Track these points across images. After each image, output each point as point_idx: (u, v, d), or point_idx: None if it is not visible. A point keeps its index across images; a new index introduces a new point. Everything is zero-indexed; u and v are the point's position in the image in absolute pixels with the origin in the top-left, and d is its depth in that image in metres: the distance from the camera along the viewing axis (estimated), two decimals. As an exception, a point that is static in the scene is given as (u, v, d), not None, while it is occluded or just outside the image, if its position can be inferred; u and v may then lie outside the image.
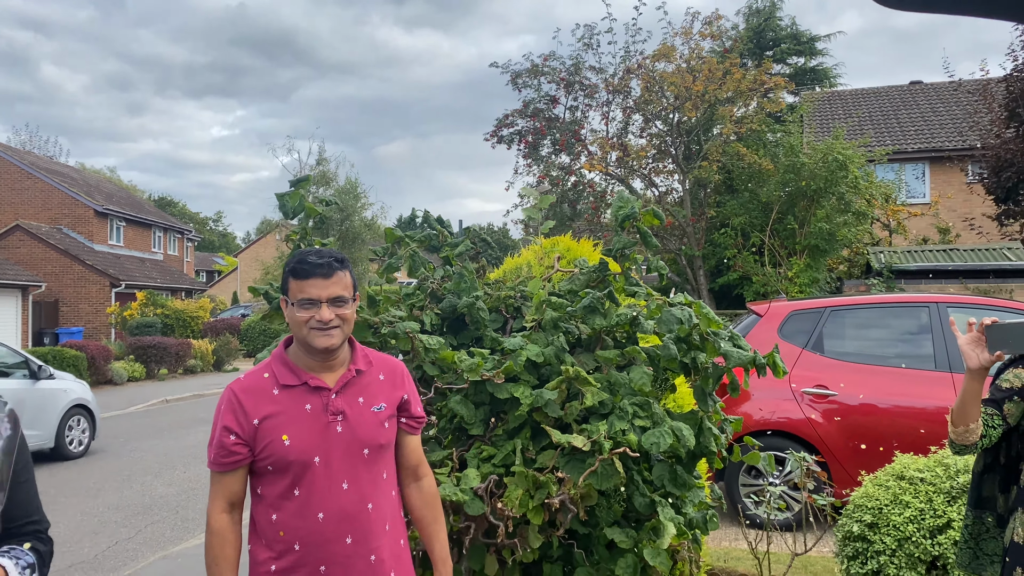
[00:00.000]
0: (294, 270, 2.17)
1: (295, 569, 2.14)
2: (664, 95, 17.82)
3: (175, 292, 35.92)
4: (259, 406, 2.16)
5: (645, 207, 3.61)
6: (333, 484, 2.16)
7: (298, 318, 2.15)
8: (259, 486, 2.20)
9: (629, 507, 3.49)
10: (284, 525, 2.15)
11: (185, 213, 71.66)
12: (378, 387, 2.31)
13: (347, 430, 2.19)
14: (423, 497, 2.47)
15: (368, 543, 2.20)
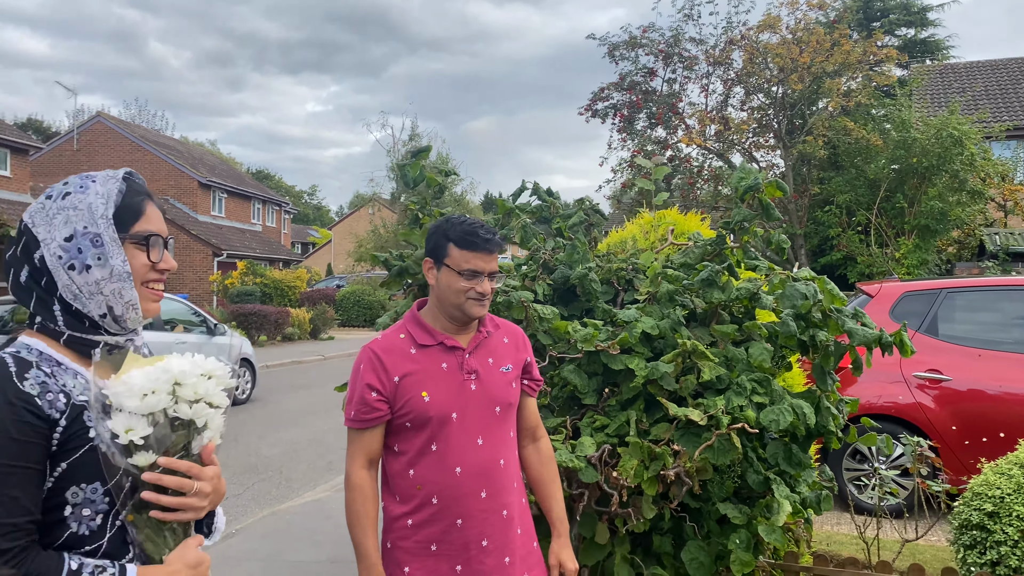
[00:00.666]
0: (462, 240, 2.20)
1: (432, 522, 2.20)
2: (768, 67, 17.27)
3: (273, 262, 37.19)
4: (398, 364, 2.22)
5: (717, 188, 3.52)
6: (469, 440, 2.22)
7: (460, 286, 2.20)
8: (395, 443, 2.26)
9: (742, 484, 3.46)
10: (422, 479, 2.21)
11: (281, 186, 73.91)
12: (504, 349, 2.38)
13: (480, 388, 2.26)
14: (541, 457, 2.52)
15: (501, 498, 2.26)
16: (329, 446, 9.45)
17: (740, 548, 3.25)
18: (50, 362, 1.44)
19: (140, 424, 1.38)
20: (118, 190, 1.52)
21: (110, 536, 1.43)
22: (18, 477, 1.34)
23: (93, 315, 1.48)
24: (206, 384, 1.44)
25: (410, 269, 3.77)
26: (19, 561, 1.31)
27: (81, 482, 1.40)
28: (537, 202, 4.29)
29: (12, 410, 1.35)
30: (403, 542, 2.24)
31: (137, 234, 1.51)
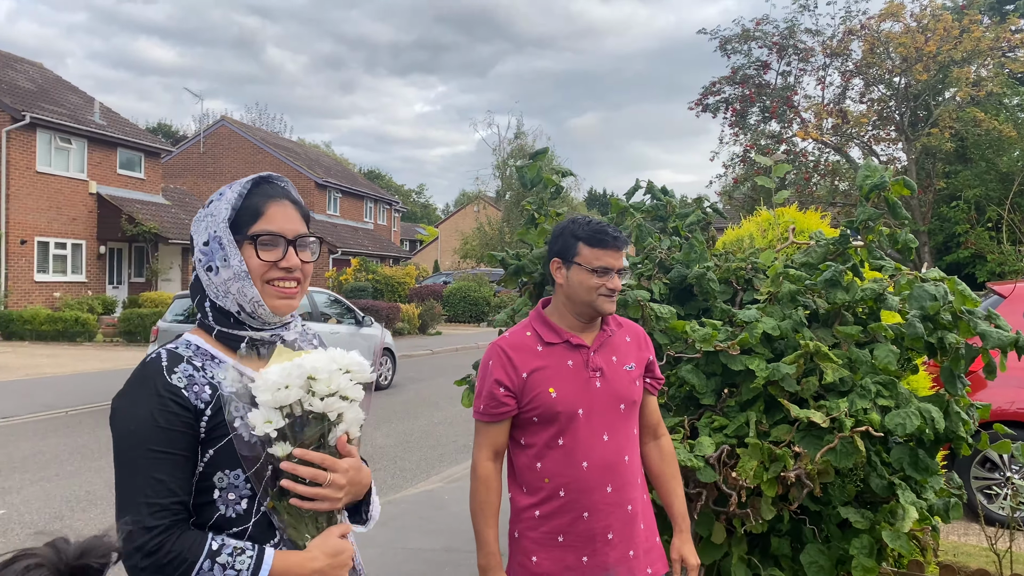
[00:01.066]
0: (592, 239, 2.28)
1: (559, 514, 2.27)
2: (889, 57, 16.50)
3: (384, 259, 38.27)
4: (526, 361, 2.29)
5: (835, 183, 3.42)
6: (595, 435, 2.28)
7: (591, 283, 2.27)
8: (522, 436, 2.34)
9: (865, 488, 3.38)
10: (549, 472, 2.28)
11: (391, 185, 75.83)
12: (627, 348, 2.43)
13: (605, 386, 2.31)
14: (662, 454, 2.56)
15: (625, 493, 2.32)
16: (440, 438, 9.70)
17: (862, 553, 3.19)
18: (204, 356, 1.56)
19: (275, 416, 1.45)
20: (239, 194, 1.60)
21: (256, 520, 1.51)
22: (164, 462, 1.45)
23: (233, 312, 1.58)
24: (340, 378, 1.49)
25: (526, 268, 3.85)
26: (164, 538, 1.41)
27: (226, 468, 1.50)
28: (651, 201, 4.31)
29: (160, 401, 1.46)
30: (531, 532, 2.31)
31: (253, 235, 1.57)
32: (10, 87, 23.08)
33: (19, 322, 20.78)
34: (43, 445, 8.91)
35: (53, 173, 23.03)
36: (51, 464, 8.03)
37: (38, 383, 13.47)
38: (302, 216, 1.65)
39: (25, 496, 6.86)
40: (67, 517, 6.26)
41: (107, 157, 25.16)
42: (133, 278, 26.35)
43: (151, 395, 1.47)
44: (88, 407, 11.27)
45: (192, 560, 1.40)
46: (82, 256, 24.21)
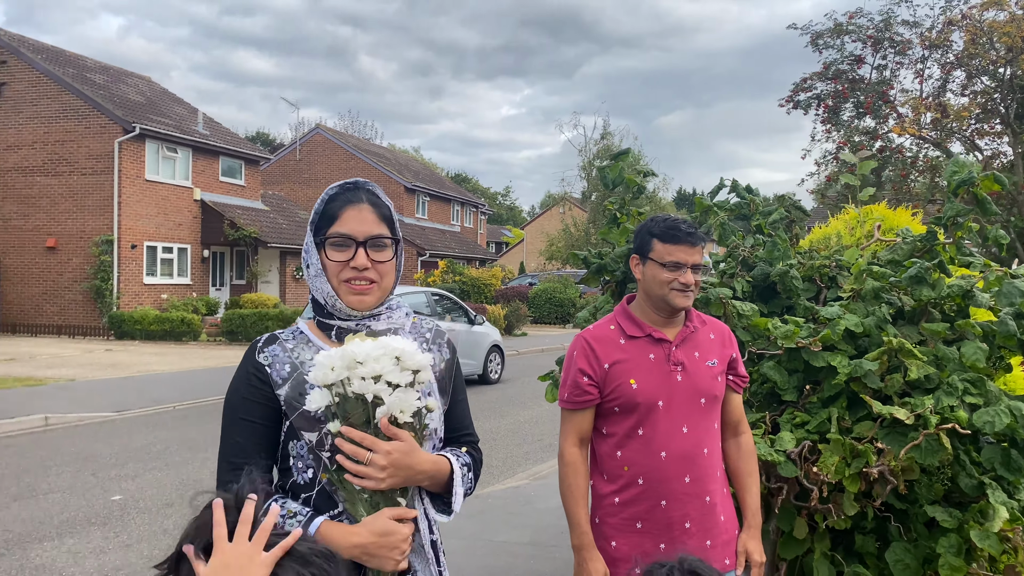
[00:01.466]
0: (665, 234, 2.36)
1: (638, 502, 2.37)
2: (993, 47, 15.77)
3: (470, 261, 38.78)
4: (608, 352, 2.40)
5: (934, 179, 3.37)
6: (674, 427, 2.36)
7: (663, 278, 2.35)
8: (604, 425, 2.45)
9: (953, 487, 3.34)
10: (629, 461, 2.38)
11: (477, 188, 76.64)
12: (710, 344, 2.49)
13: (686, 379, 2.39)
14: (740, 451, 2.61)
15: (703, 484, 2.39)
16: (526, 436, 9.85)
17: (950, 552, 3.15)
18: (301, 339, 1.75)
19: (325, 395, 1.59)
20: (323, 200, 1.76)
21: (318, 490, 1.65)
22: (244, 427, 1.68)
23: (322, 304, 1.76)
24: (384, 363, 1.56)
25: (608, 266, 3.94)
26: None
27: (295, 438, 1.67)
28: (735, 199, 4.33)
29: (247, 376, 1.70)
30: (610, 518, 2.41)
31: (329, 236, 1.72)
32: (121, 100, 24.50)
33: (130, 322, 22.04)
34: (154, 437, 9.49)
35: (161, 181, 24.31)
36: (162, 454, 8.56)
37: (148, 379, 14.30)
38: (380, 218, 1.75)
39: (140, 483, 7.35)
40: (177, 504, 6.68)
41: (210, 165, 26.40)
42: (234, 280, 27.55)
43: (243, 371, 1.72)
44: (194, 402, 11.92)
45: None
46: (187, 260, 25.47)
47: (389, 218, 1.78)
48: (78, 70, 24.99)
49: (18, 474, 7.65)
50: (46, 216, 23.39)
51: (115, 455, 8.50)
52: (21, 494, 6.94)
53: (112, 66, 28.06)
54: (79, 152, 23.11)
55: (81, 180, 23.12)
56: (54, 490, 7.08)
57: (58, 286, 23.30)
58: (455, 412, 1.89)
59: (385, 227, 1.76)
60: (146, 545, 5.66)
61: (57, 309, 23.31)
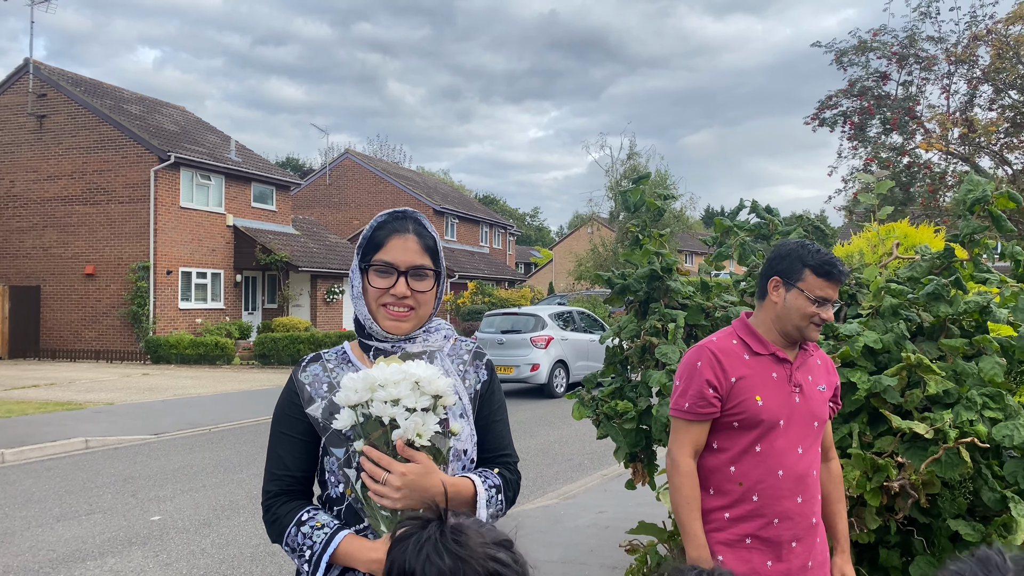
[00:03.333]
0: (820, 268, 2.35)
1: (751, 518, 2.36)
2: (1021, 61, 15.68)
3: (499, 282, 38.95)
4: (735, 367, 2.38)
5: (998, 189, 3.43)
6: (791, 447, 2.38)
7: (808, 311, 2.35)
8: (716, 440, 2.41)
9: (976, 501, 3.37)
10: (744, 477, 2.36)
11: (506, 210, 77.03)
12: (819, 370, 2.53)
13: (803, 402, 2.41)
14: (831, 476, 2.63)
15: (812, 505, 2.42)
16: (556, 456, 9.90)
17: (974, 566, 3.18)
18: (343, 359, 1.85)
19: (352, 415, 1.66)
20: (372, 226, 1.84)
21: (347, 504, 1.74)
22: (285, 441, 1.80)
23: (363, 325, 1.84)
24: (401, 388, 1.63)
25: (631, 287, 4.04)
26: (273, 502, 1.77)
27: (328, 455, 1.76)
28: (755, 219, 4.41)
29: (289, 393, 1.82)
30: (718, 533, 2.39)
31: (373, 263, 1.80)
32: (157, 130, 25.13)
33: (166, 347, 22.46)
34: (191, 459, 9.69)
35: (195, 208, 24.84)
36: (198, 476, 8.74)
37: (184, 402, 14.58)
38: (424, 249, 1.82)
39: (177, 504, 7.52)
40: (214, 524, 6.84)
41: (242, 191, 26.91)
42: (266, 304, 27.96)
43: (287, 388, 1.84)
44: (230, 424, 12.13)
45: (286, 524, 1.74)
46: (220, 284, 25.92)
47: (434, 249, 1.85)
48: (115, 101, 25.68)
49: (61, 495, 7.87)
50: (85, 244, 23.98)
51: (153, 476, 8.70)
52: (64, 515, 7.14)
53: (148, 97, 28.79)
54: (116, 181, 23.71)
55: (118, 208, 23.70)
56: (95, 511, 7.28)
57: (96, 312, 23.83)
58: (492, 432, 1.90)
59: (428, 258, 1.83)
60: (184, 564, 5.81)
61: (95, 335, 23.82)
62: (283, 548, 1.76)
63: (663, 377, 3.65)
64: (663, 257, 3.94)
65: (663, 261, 3.93)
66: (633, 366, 4.04)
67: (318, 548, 1.69)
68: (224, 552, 6.07)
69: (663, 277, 3.93)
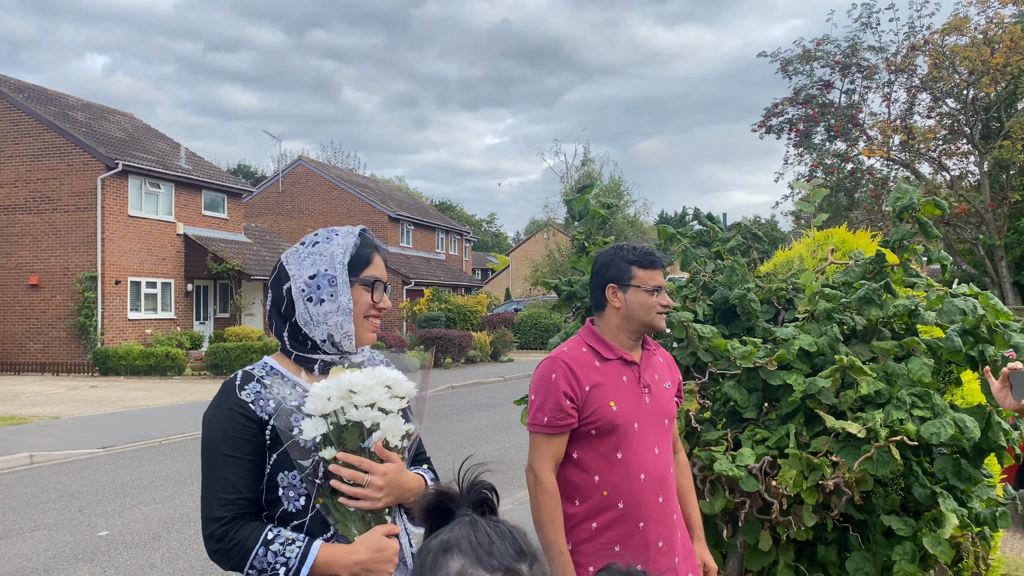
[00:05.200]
0: (644, 260, 2.46)
1: (616, 525, 2.39)
2: (956, 71, 16.23)
3: (456, 288, 38.92)
4: (588, 375, 2.41)
5: (926, 196, 3.57)
6: (648, 448, 2.43)
7: (650, 302, 2.44)
8: (575, 450, 2.42)
9: (908, 497, 3.50)
10: (608, 485, 2.38)
11: (462, 216, 76.93)
12: (662, 368, 2.61)
13: (653, 401, 2.48)
14: (680, 468, 2.71)
15: (671, 502, 2.49)
16: (511, 462, 9.94)
17: (904, 559, 3.31)
18: (275, 375, 1.83)
19: (321, 424, 1.69)
20: (355, 243, 1.88)
21: (311, 515, 1.75)
22: (231, 464, 1.73)
23: (316, 339, 1.83)
24: (377, 392, 1.69)
25: (578, 293, 4.11)
26: (228, 528, 1.69)
27: (286, 469, 1.75)
28: (698, 227, 4.52)
29: (230, 414, 1.76)
30: (586, 545, 2.40)
31: (365, 279, 1.86)
32: (104, 137, 24.63)
33: (115, 358, 21.99)
34: (140, 472, 9.53)
35: (144, 216, 24.38)
36: (148, 489, 8.60)
37: (134, 415, 14.30)
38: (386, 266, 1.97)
39: (126, 519, 7.39)
40: (164, 537, 6.74)
41: (193, 199, 26.50)
42: (218, 314, 27.54)
43: (224, 409, 1.77)
44: (180, 436, 11.94)
45: (249, 547, 1.68)
46: (171, 294, 25.47)
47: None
48: (60, 108, 25.11)
49: (3, 512, 7.68)
50: (29, 254, 23.38)
51: (101, 491, 8.53)
52: (7, 532, 6.97)
53: (94, 103, 28.21)
54: (62, 189, 23.17)
55: (64, 217, 23.16)
56: (40, 527, 7.12)
57: (41, 324, 23.24)
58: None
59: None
60: (133, 579, 5.73)
61: (40, 347, 23.22)
62: (246, 572, 1.70)
63: (609, 382, 3.73)
64: (608, 264, 4.02)
65: (608, 268, 4.01)
66: (580, 372, 4.11)
67: (294, 562, 1.68)
68: (174, 566, 5.99)
69: (608, 284, 4.01)
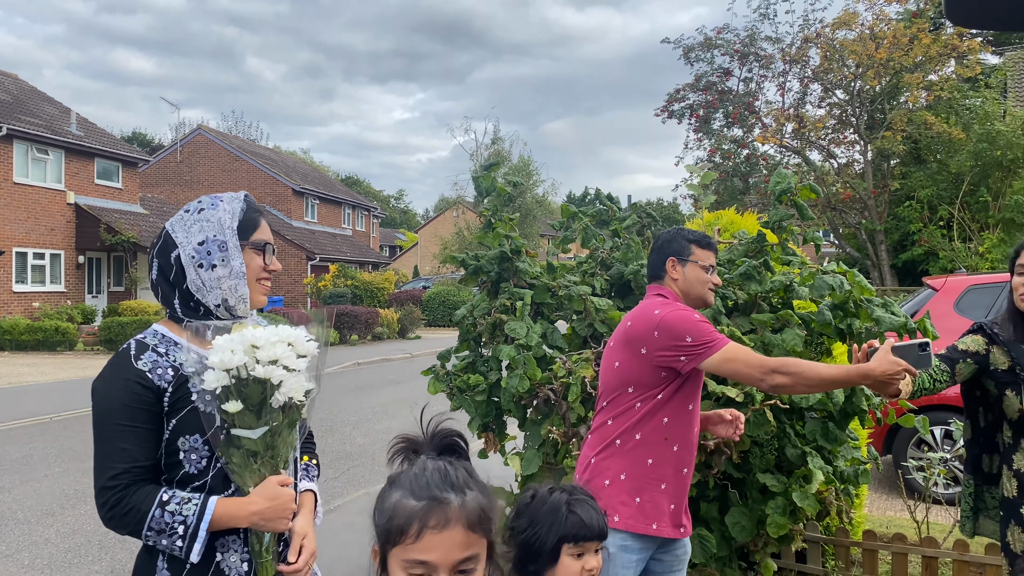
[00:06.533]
0: (702, 241, 2.77)
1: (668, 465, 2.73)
2: (845, 64, 17.15)
3: (363, 265, 38.53)
4: None
5: (802, 182, 3.88)
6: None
7: (704, 278, 2.75)
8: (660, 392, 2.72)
9: (781, 457, 3.84)
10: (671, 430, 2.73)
11: (370, 191, 75.86)
12: None
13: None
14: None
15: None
16: (416, 435, 10.09)
17: (776, 512, 3.65)
18: (169, 343, 1.85)
19: (223, 377, 1.71)
20: (241, 208, 1.92)
21: (212, 474, 1.81)
22: (128, 433, 1.76)
23: (209, 305, 1.86)
24: (280, 348, 1.73)
25: (484, 267, 4.28)
26: (123, 494, 1.72)
27: (187, 433, 1.79)
28: (599, 206, 4.75)
29: (127, 384, 1.77)
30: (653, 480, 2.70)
31: (255, 242, 1.91)
32: (-14, 99, 23.21)
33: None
34: (31, 449, 9.20)
35: (30, 184, 23.15)
36: (39, 466, 8.34)
37: (22, 391, 13.71)
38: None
39: (16, 495, 7.17)
40: (58, 513, 6.59)
41: (84, 167, 25.31)
42: (112, 287, 26.48)
43: (121, 379, 1.79)
44: (73, 412, 11.55)
45: (145, 510, 1.72)
46: (61, 266, 24.33)
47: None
48: (-65, 66, 23.48)
49: None
50: (-100, 221, 21.91)
51: (-12, 468, 8.23)
52: None
53: (-26, 62, 26.47)
54: (-62, 153, 21.77)
55: (-60, 183, 21.78)
56: (-77, 506, 6.85)
57: (-85, 296, 21.86)
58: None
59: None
60: (27, 554, 5.61)
61: (-86, 320, 21.86)
62: (144, 535, 1.75)
63: (512, 351, 3.92)
64: (512, 240, 4.20)
65: (512, 244, 4.19)
66: (485, 342, 4.28)
67: (192, 519, 1.73)
68: (70, 541, 5.90)
69: (512, 259, 4.19)
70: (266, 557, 1.82)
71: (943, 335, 6.94)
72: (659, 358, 2.57)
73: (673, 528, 2.65)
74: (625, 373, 2.67)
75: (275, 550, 1.85)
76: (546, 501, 1.99)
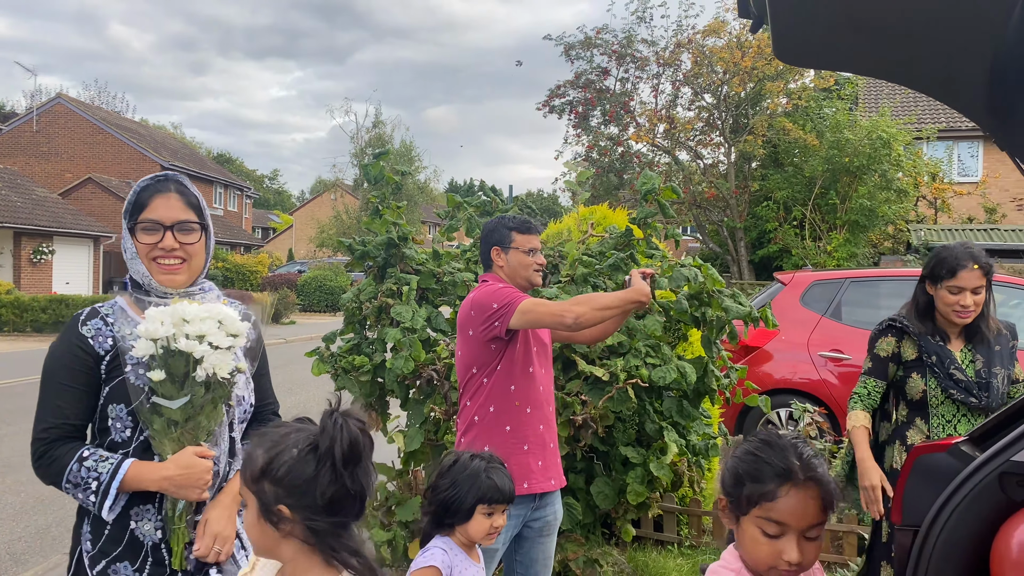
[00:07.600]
0: (522, 227, 2.98)
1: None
2: (713, 70, 18.17)
3: (234, 247, 37.36)
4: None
5: (667, 182, 4.27)
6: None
7: (527, 261, 2.97)
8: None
9: (641, 431, 4.24)
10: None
11: (243, 170, 73.20)
12: None
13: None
14: None
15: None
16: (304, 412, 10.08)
17: (636, 482, 4.04)
18: (120, 314, 1.94)
19: (149, 346, 1.81)
20: (137, 188, 1.97)
21: (135, 445, 1.89)
22: (65, 392, 1.88)
23: (140, 283, 1.96)
24: (207, 325, 1.82)
25: (371, 253, 4.46)
26: (49, 447, 1.84)
27: (115, 402, 1.88)
28: (483, 197, 5.01)
29: (70, 347, 1.90)
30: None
31: (142, 222, 1.95)
32: None
33: None
34: None
35: None
36: None
37: None
38: (188, 205, 2.00)
39: None
40: None
41: (-74, 133, 23.38)
42: (-44, 264, 24.62)
43: (66, 341, 1.91)
44: None
45: (65, 463, 1.84)
46: None
47: (197, 206, 2.03)
48: None
49: None
50: None
51: None
52: None
53: None
54: None
55: None
56: None
57: None
58: (260, 385, 2.18)
59: (193, 213, 2.01)
60: None
61: None
62: (63, 486, 1.84)
63: (398, 334, 4.12)
64: (400, 227, 4.40)
65: (399, 231, 4.39)
66: (371, 324, 4.47)
67: (105, 477, 1.82)
68: None
69: (399, 245, 4.39)
70: (179, 524, 1.88)
71: (789, 326, 7.63)
72: (482, 333, 2.84)
73: (545, 481, 2.92)
74: (466, 358, 2.94)
75: (190, 519, 1.91)
76: (467, 467, 2.31)
